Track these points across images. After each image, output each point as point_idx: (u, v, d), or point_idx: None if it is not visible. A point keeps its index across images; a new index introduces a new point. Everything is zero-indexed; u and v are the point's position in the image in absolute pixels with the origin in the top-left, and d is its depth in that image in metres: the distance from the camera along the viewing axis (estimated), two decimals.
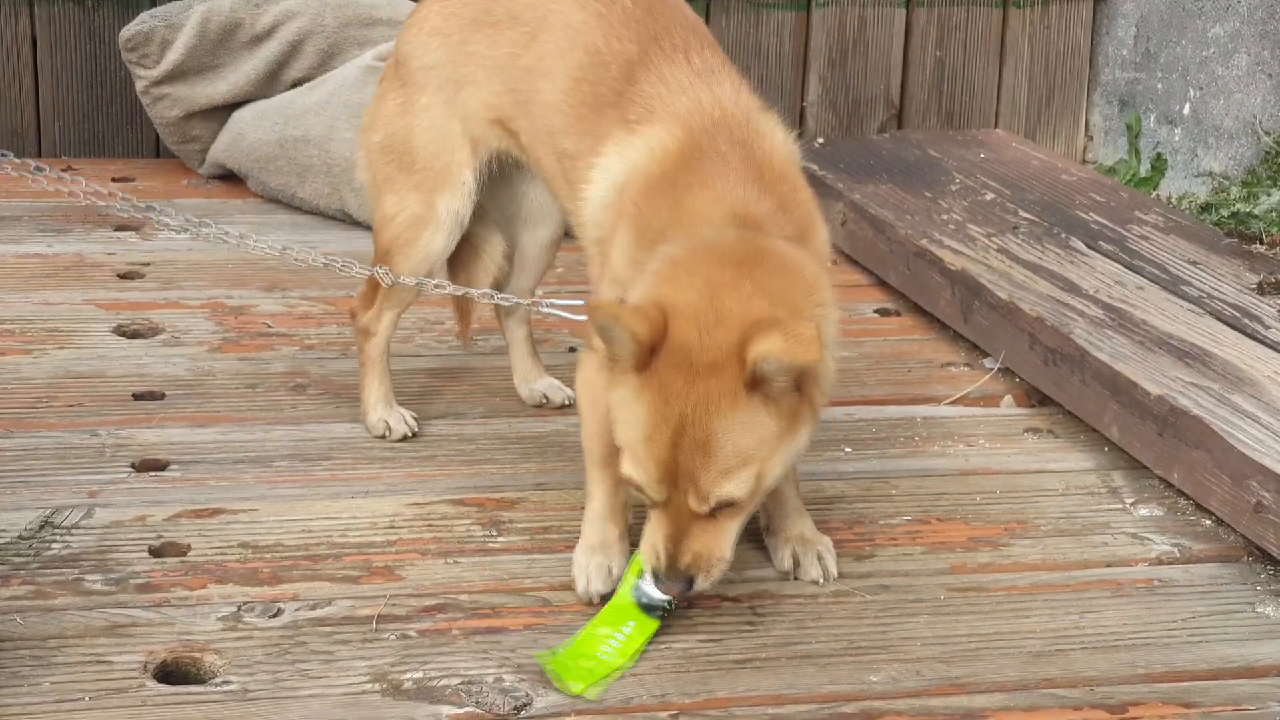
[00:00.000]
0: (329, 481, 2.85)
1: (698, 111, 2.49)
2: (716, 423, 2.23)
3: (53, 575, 2.49)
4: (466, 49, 2.79)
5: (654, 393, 2.24)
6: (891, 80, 5.06)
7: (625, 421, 2.29)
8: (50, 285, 3.71)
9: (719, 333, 2.24)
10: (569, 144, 2.63)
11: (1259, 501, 2.68)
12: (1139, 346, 3.19)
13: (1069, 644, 2.44)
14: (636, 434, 2.27)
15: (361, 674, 2.28)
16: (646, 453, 2.26)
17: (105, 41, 4.59)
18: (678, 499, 2.27)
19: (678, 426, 2.23)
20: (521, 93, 2.71)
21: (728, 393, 2.23)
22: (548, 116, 2.66)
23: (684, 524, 2.29)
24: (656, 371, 2.25)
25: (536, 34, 2.68)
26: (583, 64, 2.60)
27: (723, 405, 2.23)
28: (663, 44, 2.57)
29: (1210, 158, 4.70)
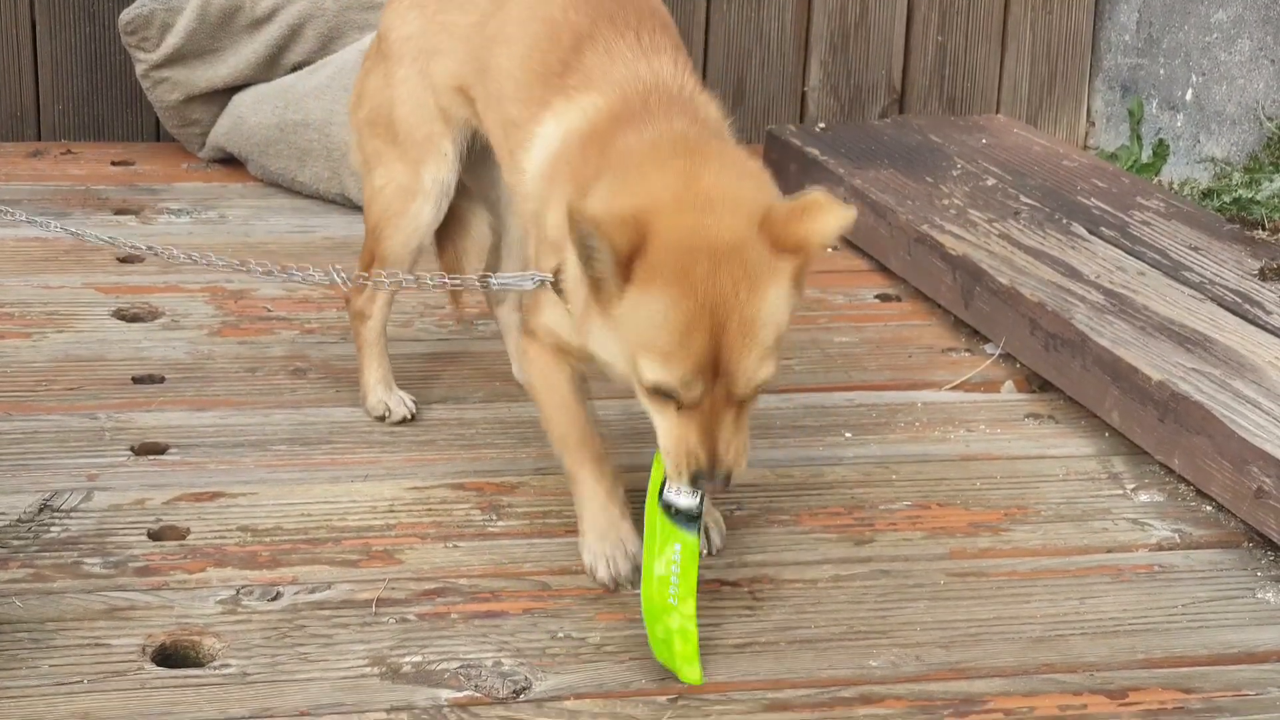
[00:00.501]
0: (328, 465, 2.85)
1: (634, 80, 2.51)
2: (759, 303, 2.19)
3: (51, 558, 2.49)
4: (440, 18, 2.82)
5: (676, 284, 2.17)
6: (893, 65, 5.05)
7: (643, 326, 2.20)
8: (50, 269, 3.70)
9: (724, 215, 2.21)
10: (514, 110, 2.64)
11: (1260, 487, 2.68)
12: (1140, 332, 3.19)
13: (1069, 629, 2.44)
14: (665, 335, 2.18)
15: (360, 657, 2.28)
16: (682, 349, 2.18)
17: (105, 25, 4.58)
18: (710, 394, 2.21)
19: (719, 310, 2.17)
20: (481, 60, 2.74)
21: (766, 271, 2.20)
22: (500, 82, 2.68)
23: (716, 418, 2.22)
24: (667, 265, 2.18)
25: (504, 3, 2.72)
26: (539, 34, 2.63)
27: (763, 284, 2.19)
28: (615, 21, 2.59)
29: (1212, 143, 4.70)
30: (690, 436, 2.22)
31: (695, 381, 2.20)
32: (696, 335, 2.17)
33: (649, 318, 2.19)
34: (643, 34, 2.60)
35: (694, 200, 2.23)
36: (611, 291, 2.22)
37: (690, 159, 2.29)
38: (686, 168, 2.28)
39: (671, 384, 2.20)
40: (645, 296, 2.19)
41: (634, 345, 2.22)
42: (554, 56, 2.59)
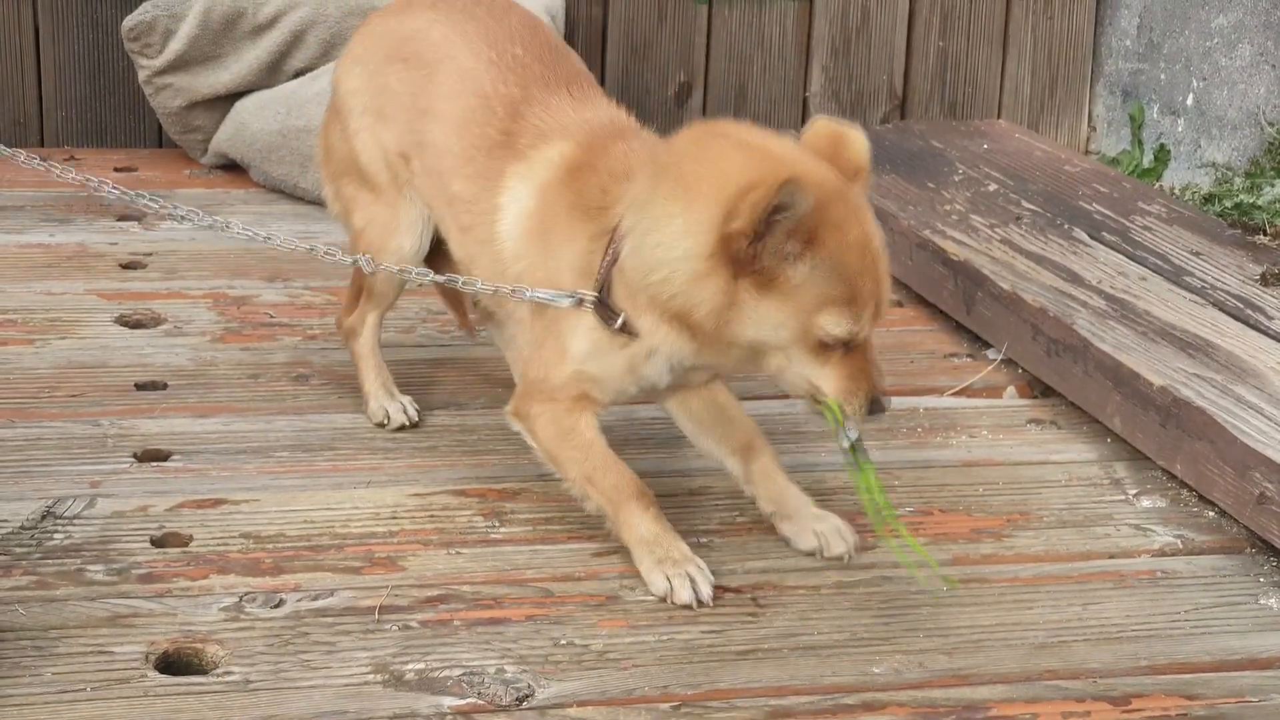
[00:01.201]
0: (331, 472, 2.85)
1: (585, 122, 2.64)
2: (879, 229, 2.35)
3: (54, 565, 2.49)
4: (381, 80, 2.88)
5: (837, 230, 2.29)
6: (894, 70, 5.05)
7: (820, 282, 2.28)
8: (53, 275, 3.70)
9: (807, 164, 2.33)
10: (458, 186, 2.71)
11: (1262, 493, 2.68)
12: (1142, 337, 3.19)
13: (1071, 635, 2.44)
14: (843, 280, 2.29)
15: (363, 665, 2.28)
16: (860, 287, 2.30)
17: (108, 31, 4.58)
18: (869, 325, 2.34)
19: (871, 244, 2.31)
20: (417, 133, 2.81)
21: (863, 200, 2.37)
22: (439, 159, 2.75)
23: (867, 350, 2.36)
24: (825, 222, 2.28)
25: (433, 76, 2.79)
26: (472, 107, 2.72)
27: (870, 211, 2.36)
28: (545, 82, 2.72)
29: (1213, 149, 4.70)
30: (865, 372, 2.35)
31: (868, 318, 2.34)
32: (867, 275, 2.32)
33: (829, 272, 2.29)
34: (573, 89, 2.73)
35: (782, 158, 2.35)
36: (780, 256, 2.27)
37: (718, 138, 2.43)
38: (729, 142, 2.41)
39: (856, 329, 2.33)
40: (822, 252, 2.28)
41: (813, 304, 2.30)
42: (492, 128, 2.68)
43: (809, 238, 2.27)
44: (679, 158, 2.40)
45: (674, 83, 4.92)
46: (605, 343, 2.48)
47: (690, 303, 2.35)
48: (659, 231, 2.34)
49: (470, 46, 2.78)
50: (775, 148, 2.39)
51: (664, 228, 2.34)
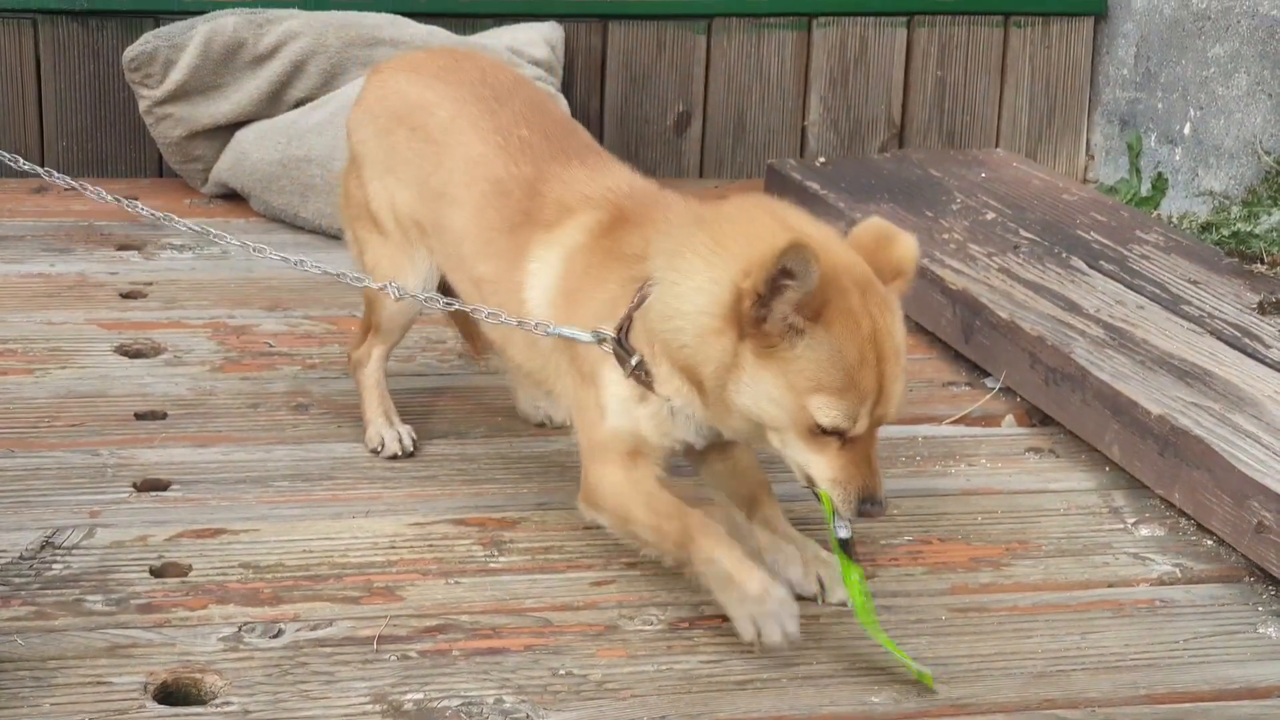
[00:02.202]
0: (330, 501, 2.85)
1: (608, 189, 2.67)
2: (899, 329, 2.34)
3: (53, 596, 2.49)
4: (390, 139, 2.94)
5: (844, 320, 2.28)
6: (893, 100, 5.07)
7: (815, 366, 2.27)
8: (53, 305, 3.71)
9: (841, 250, 2.35)
10: (484, 268, 2.75)
11: (1260, 522, 2.68)
12: (1140, 366, 3.19)
13: (1070, 664, 2.44)
14: (838, 369, 2.27)
15: (362, 695, 2.28)
16: (854, 381, 2.27)
17: (109, 61, 4.60)
18: (869, 424, 2.31)
19: (878, 341, 2.29)
20: (433, 214, 2.85)
21: (892, 298, 2.35)
22: (459, 244, 2.80)
23: (869, 446, 2.34)
24: (832, 306, 2.28)
25: (443, 159, 2.84)
26: (487, 193, 2.76)
27: (895, 310, 2.34)
28: (558, 158, 2.76)
29: (1211, 177, 4.71)
30: (857, 466, 2.32)
31: (864, 415, 2.31)
32: (866, 370, 2.29)
33: (827, 356, 2.28)
34: (587, 160, 2.77)
35: (816, 240, 2.32)
36: (782, 326, 2.27)
37: (761, 210, 2.43)
38: (770, 215, 2.40)
39: (846, 421, 2.30)
40: (824, 334, 2.27)
41: (806, 386, 2.29)
42: (511, 209, 2.72)
43: (814, 315, 2.27)
44: (718, 218, 2.42)
45: (673, 112, 4.94)
46: (632, 400, 2.50)
47: (698, 358, 2.36)
48: (683, 282, 2.37)
49: (478, 132, 2.83)
50: (812, 229, 2.39)
51: (687, 280, 2.37)
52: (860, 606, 2.36)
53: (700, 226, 2.42)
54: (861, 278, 2.33)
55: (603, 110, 4.89)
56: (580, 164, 2.76)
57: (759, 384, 2.31)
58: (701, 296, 2.35)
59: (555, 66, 4.65)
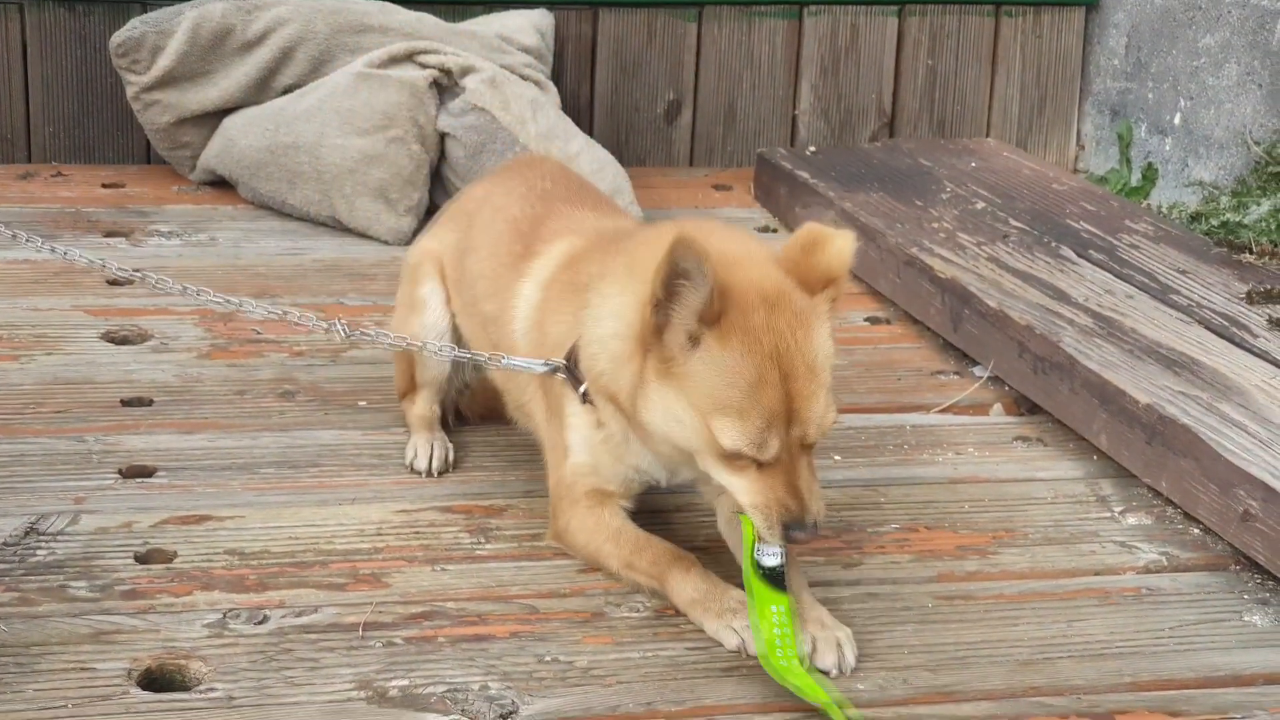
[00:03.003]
0: (316, 488, 2.84)
1: (600, 227, 2.68)
2: (816, 341, 2.23)
3: (37, 582, 2.48)
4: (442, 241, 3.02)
5: (743, 337, 2.20)
6: (883, 88, 5.07)
7: (712, 385, 2.21)
8: (39, 291, 3.70)
9: (755, 266, 2.26)
10: (490, 306, 2.76)
11: (1246, 510, 2.68)
12: (1128, 355, 3.19)
13: (1056, 652, 2.44)
14: (736, 388, 2.20)
15: (347, 681, 2.27)
16: (755, 400, 2.20)
17: (96, 47, 4.58)
18: (786, 444, 2.22)
19: (784, 359, 2.20)
20: (458, 269, 2.89)
21: (811, 310, 2.25)
22: (474, 286, 2.82)
23: (793, 468, 2.24)
24: (733, 318, 2.20)
25: (473, 221, 2.91)
26: (502, 232, 2.80)
27: (813, 323, 2.24)
28: (569, 201, 2.80)
29: (1200, 167, 4.71)
30: (776, 489, 2.24)
31: (772, 437, 2.21)
32: (767, 388, 2.20)
33: (720, 374, 2.21)
34: (599, 207, 2.81)
35: (726, 255, 2.27)
36: (679, 338, 2.23)
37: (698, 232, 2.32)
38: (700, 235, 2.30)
39: (749, 445, 2.21)
40: (718, 349, 2.21)
41: (706, 405, 2.23)
42: (518, 245, 2.74)
43: (711, 323, 2.21)
44: (637, 241, 2.40)
45: (663, 101, 4.93)
46: (590, 432, 2.50)
47: (614, 383, 2.35)
48: (600, 308, 2.37)
49: (504, 186, 2.92)
50: (731, 246, 2.32)
51: (603, 304, 2.37)
52: (770, 644, 2.25)
53: (619, 253, 2.40)
54: (772, 294, 2.24)
55: (593, 98, 4.88)
56: (591, 209, 2.80)
57: (665, 402, 2.27)
58: (613, 321, 2.34)
59: (545, 54, 4.64)
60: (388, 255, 4.04)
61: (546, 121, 4.31)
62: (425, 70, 4.29)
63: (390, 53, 4.31)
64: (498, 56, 4.45)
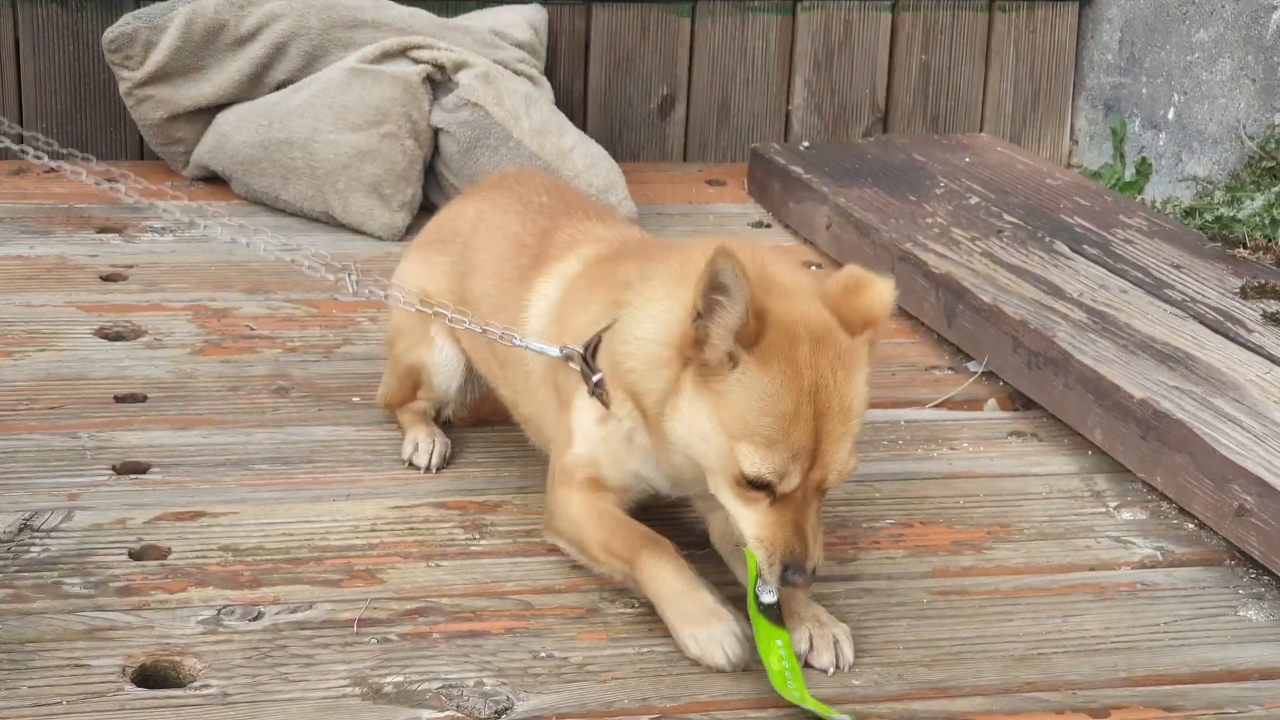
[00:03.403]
0: (310, 485, 2.84)
1: (615, 237, 2.70)
2: (853, 389, 2.20)
3: (31, 578, 2.48)
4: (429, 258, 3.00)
5: (784, 367, 2.18)
6: (877, 84, 5.06)
7: (745, 409, 2.19)
8: (32, 287, 3.69)
9: (801, 299, 2.24)
10: (498, 320, 2.73)
11: (1241, 505, 2.68)
12: (1122, 350, 3.19)
13: (1051, 647, 2.44)
14: (769, 416, 2.17)
15: (342, 678, 2.27)
16: (786, 433, 2.17)
17: (88, 43, 4.57)
18: (804, 484, 2.21)
19: (820, 397, 2.18)
20: (459, 292, 2.87)
21: (852, 354, 2.22)
22: (478, 307, 2.80)
23: (805, 510, 2.22)
24: (775, 345, 2.18)
25: (470, 241, 2.90)
26: (504, 250, 2.80)
27: (855, 367, 2.22)
28: (574, 214, 2.81)
29: (1194, 162, 4.71)
30: (784, 528, 2.22)
31: (795, 472, 2.19)
32: (800, 423, 2.18)
33: (758, 399, 2.18)
34: (604, 219, 2.82)
35: (778, 283, 2.25)
36: (720, 355, 2.21)
37: (748, 251, 2.29)
38: (753, 258, 2.28)
39: (772, 475, 2.19)
40: (759, 373, 2.18)
41: (736, 428, 2.20)
42: (524, 258, 2.75)
43: (749, 343, 2.19)
44: (690, 253, 2.37)
45: (657, 96, 4.93)
46: (593, 427, 2.50)
47: (643, 385, 2.35)
48: (642, 310, 2.36)
49: (497, 204, 2.92)
50: (782, 274, 2.31)
51: (646, 307, 2.36)
52: (779, 676, 2.23)
53: (672, 259, 2.39)
54: (819, 330, 2.22)
55: (586, 94, 4.88)
56: (597, 219, 2.81)
57: (694, 415, 2.25)
58: (654, 325, 2.33)
59: (538, 49, 4.63)
60: (381, 250, 4.03)
61: (540, 117, 4.30)
62: (418, 65, 4.28)
63: (383, 48, 4.30)
64: (491, 52, 4.44)
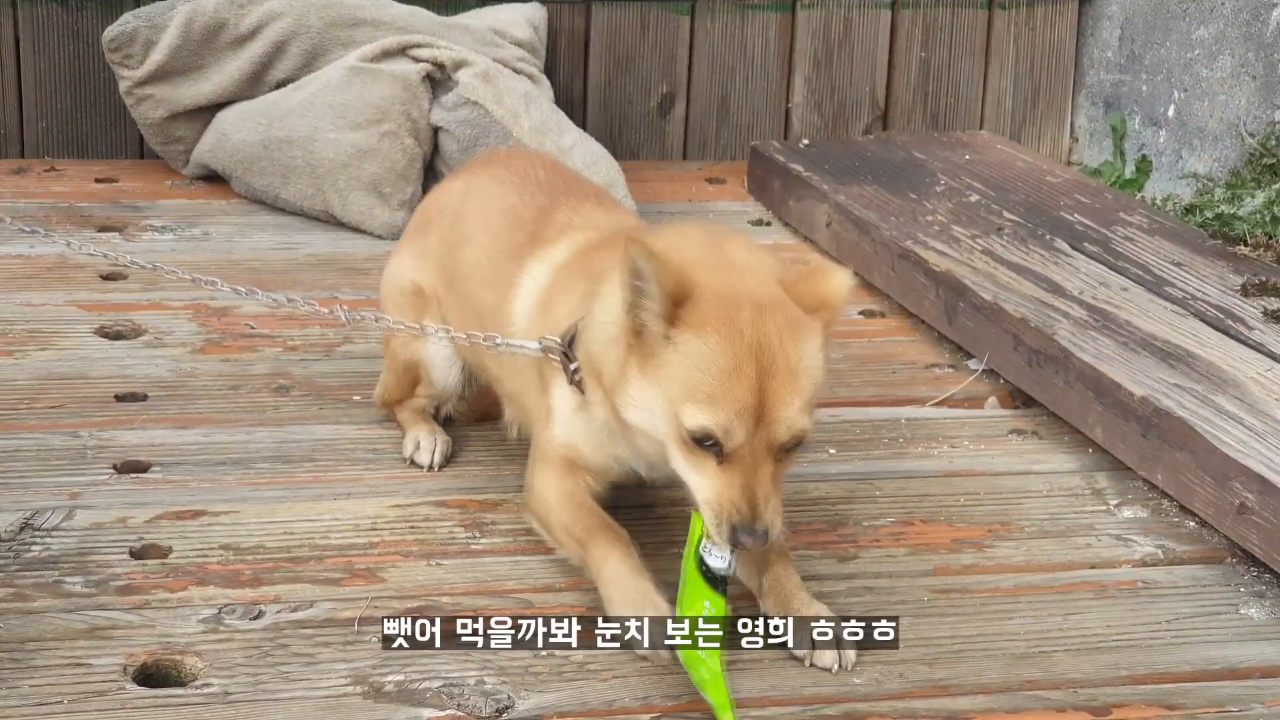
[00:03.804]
0: (311, 483, 2.84)
1: (611, 224, 2.71)
2: (803, 347, 2.25)
3: (32, 577, 2.48)
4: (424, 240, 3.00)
5: (722, 329, 2.22)
6: (877, 82, 5.06)
7: (687, 370, 2.23)
8: (33, 286, 3.69)
9: (753, 278, 2.31)
10: (489, 296, 2.76)
11: (1242, 503, 2.68)
12: (1123, 348, 3.19)
13: (1052, 646, 2.44)
14: (709, 375, 2.21)
15: (342, 676, 2.27)
16: (728, 389, 2.21)
17: (89, 42, 4.57)
18: (751, 442, 2.22)
19: (764, 354, 2.22)
20: (447, 267, 2.87)
21: (804, 323, 2.27)
22: (470, 277, 2.81)
23: (756, 471, 2.23)
24: (712, 313, 2.23)
25: (460, 213, 2.90)
26: (499, 222, 2.80)
27: (805, 331, 2.26)
28: (572, 195, 2.81)
29: (1194, 159, 4.71)
30: (732, 489, 2.23)
31: (739, 426, 2.21)
32: (742, 379, 2.21)
33: (696, 361, 2.23)
34: (603, 202, 2.84)
35: (725, 263, 2.33)
36: (656, 336, 2.27)
37: (707, 235, 2.43)
38: (709, 239, 2.40)
39: (715, 428, 2.21)
40: (693, 340, 2.23)
41: (678, 393, 2.24)
42: (521, 234, 2.75)
43: (676, 320, 2.24)
44: (654, 238, 2.42)
45: (656, 94, 4.93)
46: (571, 415, 2.52)
47: (601, 365, 2.38)
48: (606, 296, 2.39)
49: (490, 176, 2.92)
50: (735, 251, 2.37)
51: (610, 293, 2.38)
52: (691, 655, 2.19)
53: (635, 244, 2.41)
54: (766, 299, 2.26)
55: (586, 92, 4.88)
56: (596, 203, 2.81)
57: (640, 393, 2.29)
58: (608, 312, 2.37)
59: (538, 47, 4.63)
60: (381, 249, 4.03)
61: (540, 115, 4.30)
62: (418, 64, 4.28)
63: (383, 47, 4.30)
64: (490, 50, 4.44)
